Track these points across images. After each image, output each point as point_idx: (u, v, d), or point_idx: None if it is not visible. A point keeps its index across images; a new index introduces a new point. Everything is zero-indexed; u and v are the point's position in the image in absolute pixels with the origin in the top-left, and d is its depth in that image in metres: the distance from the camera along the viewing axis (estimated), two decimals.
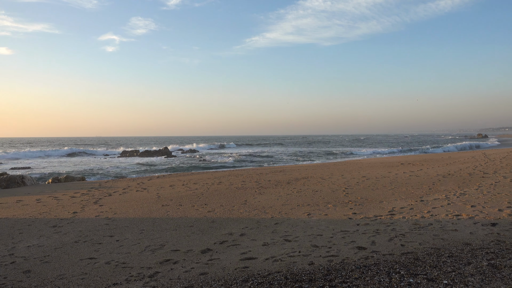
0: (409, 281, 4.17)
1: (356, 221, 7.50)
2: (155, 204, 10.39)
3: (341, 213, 8.40)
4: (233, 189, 12.75)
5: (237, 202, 10.23)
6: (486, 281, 4.09)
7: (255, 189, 12.57)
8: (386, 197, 10.02)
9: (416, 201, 9.29)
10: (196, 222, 8.00)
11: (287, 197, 10.79)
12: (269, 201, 10.20)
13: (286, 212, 8.71)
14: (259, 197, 10.90)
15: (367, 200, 9.79)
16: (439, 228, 6.54)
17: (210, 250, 5.93)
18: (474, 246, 5.37)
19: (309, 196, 10.71)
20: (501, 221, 6.83)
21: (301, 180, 14.51)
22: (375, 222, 7.31)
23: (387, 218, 7.66)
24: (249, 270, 4.86)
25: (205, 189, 12.85)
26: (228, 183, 14.24)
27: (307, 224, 7.48)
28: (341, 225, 7.26)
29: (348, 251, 5.44)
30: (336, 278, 4.37)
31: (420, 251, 5.25)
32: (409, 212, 8.11)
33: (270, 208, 9.31)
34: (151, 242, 6.50)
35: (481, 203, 8.53)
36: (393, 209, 8.46)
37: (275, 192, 11.70)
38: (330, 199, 10.10)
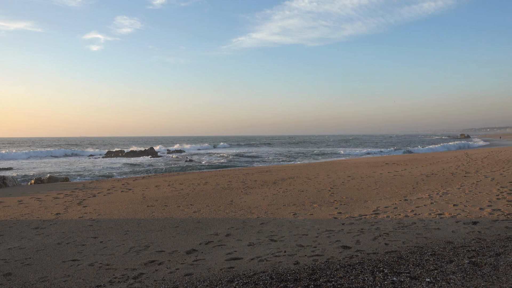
0: (393, 280, 4.22)
1: (341, 221, 7.55)
2: (140, 204, 10.29)
3: (327, 212, 8.45)
4: (219, 189, 12.72)
5: (223, 203, 10.21)
6: (467, 278, 4.16)
7: (241, 189, 12.56)
8: (370, 197, 10.12)
9: (400, 200, 9.41)
10: (181, 223, 7.96)
11: (273, 197, 10.81)
12: (255, 201, 10.20)
13: (272, 212, 8.73)
14: (245, 197, 10.89)
15: (352, 199, 9.88)
16: (422, 227, 6.64)
17: (195, 250, 5.90)
18: (456, 244, 5.46)
19: (295, 196, 10.75)
20: (482, 219, 6.97)
21: (287, 180, 14.55)
22: (360, 222, 7.38)
23: (372, 217, 7.74)
24: (235, 270, 4.85)
25: (191, 190, 12.79)
26: (214, 183, 14.20)
27: (292, 224, 7.50)
28: (327, 224, 7.30)
29: (333, 251, 5.48)
30: (321, 278, 4.40)
31: (403, 250, 5.32)
32: (393, 211, 8.21)
33: (256, 208, 9.31)
34: (135, 243, 6.44)
35: (463, 202, 8.69)
36: (377, 209, 8.56)
37: (261, 192, 11.71)
38: (315, 199, 10.16)
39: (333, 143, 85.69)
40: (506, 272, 4.28)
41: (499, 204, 8.22)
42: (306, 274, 4.55)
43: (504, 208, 7.80)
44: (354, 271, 4.56)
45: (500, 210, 7.64)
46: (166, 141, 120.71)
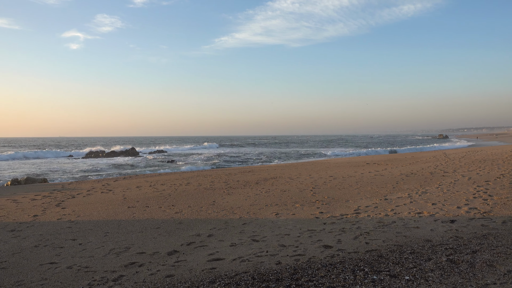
0: (373, 278, 4.27)
1: (323, 220, 7.61)
2: (121, 206, 10.15)
3: (309, 212, 8.50)
4: (201, 189, 12.65)
5: (205, 203, 10.15)
6: (445, 276, 4.25)
7: (223, 189, 12.52)
8: (352, 196, 10.23)
9: (381, 199, 9.54)
10: (163, 224, 7.88)
11: (256, 197, 10.81)
12: (237, 202, 10.18)
13: (254, 212, 8.73)
14: (227, 198, 10.86)
15: (333, 199, 9.97)
16: (402, 226, 6.74)
17: (177, 251, 5.85)
18: (434, 243, 5.57)
19: (277, 196, 10.78)
20: (459, 218, 7.13)
21: (269, 180, 14.58)
22: (341, 221, 7.45)
23: (353, 216, 7.82)
24: (216, 271, 4.83)
25: (172, 190, 12.68)
26: (197, 184, 14.11)
27: (275, 224, 7.52)
28: (308, 224, 7.34)
29: (315, 250, 5.51)
30: (303, 277, 4.42)
31: (383, 249, 5.39)
32: (373, 210, 8.31)
33: (238, 208, 9.29)
34: (115, 245, 6.34)
35: (441, 201, 8.87)
36: (358, 208, 8.65)
37: (243, 193, 11.69)
38: (298, 199, 10.21)
39: (316, 144, 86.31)
40: (482, 269, 4.38)
41: (476, 202, 8.42)
42: (288, 273, 4.56)
43: (480, 206, 8.00)
44: (335, 270, 4.60)
45: (476, 208, 7.83)
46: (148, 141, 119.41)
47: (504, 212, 7.35)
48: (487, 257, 4.78)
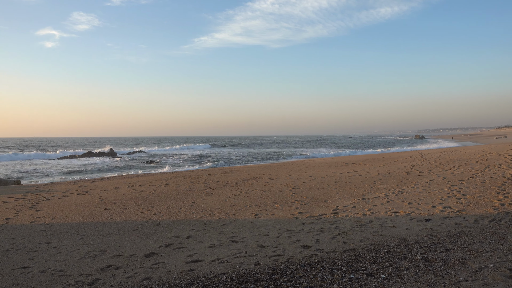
0: (350, 277, 4.33)
1: (302, 220, 7.66)
2: (98, 207, 9.96)
3: (288, 212, 8.54)
4: (180, 190, 12.54)
5: (184, 204, 10.07)
6: (420, 274, 4.34)
7: (203, 190, 12.46)
8: (330, 196, 10.34)
9: (359, 199, 9.68)
10: (141, 226, 7.77)
11: (235, 198, 10.80)
12: (217, 202, 10.14)
13: (234, 213, 8.71)
14: (207, 199, 10.81)
15: (312, 199, 10.05)
16: (379, 225, 6.86)
17: (154, 254, 5.78)
18: (409, 241, 5.68)
19: (257, 197, 10.79)
20: (434, 216, 7.30)
21: (249, 180, 14.58)
22: (319, 221, 7.52)
23: (331, 216, 7.91)
24: (195, 273, 4.79)
25: (151, 191, 12.53)
26: (176, 185, 13.99)
27: (254, 224, 7.53)
28: (287, 224, 7.38)
29: (293, 250, 5.55)
30: (281, 277, 4.44)
31: (361, 248, 5.47)
32: (351, 210, 8.43)
33: (217, 209, 9.26)
34: (92, 248, 6.21)
35: (417, 200, 9.06)
36: (337, 208, 8.75)
37: (223, 193, 11.66)
38: (277, 199, 10.25)
39: (296, 144, 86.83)
40: (455, 266, 4.50)
41: (450, 201, 8.64)
42: (267, 274, 4.58)
43: (454, 205, 8.21)
44: (314, 270, 4.64)
45: (450, 207, 8.04)
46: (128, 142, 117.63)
47: (476, 211, 7.56)
48: (459, 254, 4.91)
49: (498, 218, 6.83)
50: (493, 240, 5.47)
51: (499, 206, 7.84)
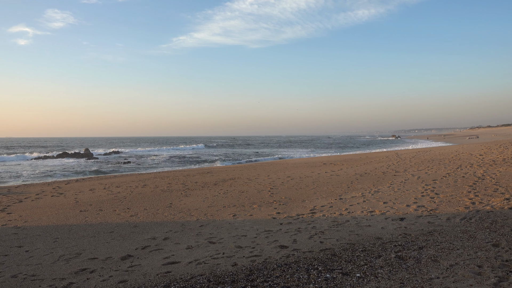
0: (326, 277, 4.39)
1: (280, 221, 7.71)
2: (73, 209, 9.75)
3: (266, 213, 8.58)
4: (158, 191, 12.41)
5: (162, 205, 9.98)
6: (393, 272, 4.44)
7: (181, 191, 12.37)
8: (308, 196, 10.44)
9: (336, 199, 9.80)
10: (117, 228, 7.66)
11: (214, 198, 10.77)
12: (195, 203, 10.09)
13: (212, 214, 8.69)
14: (185, 200, 10.74)
15: (290, 199, 10.12)
16: (355, 224, 6.97)
17: (131, 256, 5.71)
18: (384, 240, 5.80)
19: (235, 197, 10.79)
20: (408, 215, 7.47)
21: (228, 181, 14.57)
22: (297, 221, 7.58)
23: (309, 216, 7.99)
24: (172, 274, 4.76)
25: (128, 193, 12.35)
26: (153, 186, 13.83)
27: (232, 225, 7.53)
28: (265, 225, 7.41)
29: (271, 250, 5.58)
30: (258, 278, 4.46)
31: (337, 247, 5.55)
32: (328, 210, 8.53)
33: (195, 210, 9.21)
34: (66, 251, 6.08)
35: (392, 199, 9.26)
36: (314, 208, 8.85)
37: (201, 194, 11.61)
38: (255, 200, 10.27)
39: (276, 144, 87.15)
40: (427, 264, 4.62)
41: (424, 200, 8.86)
42: (244, 275, 4.59)
43: (427, 204, 8.42)
44: (290, 270, 4.68)
45: (424, 206, 8.24)
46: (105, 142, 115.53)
47: (449, 210, 7.78)
48: (432, 252, 5.05)
49: (469, 216, 7.05)
50: (463, 238, 5.65)
51: (470, 204, 8.08)
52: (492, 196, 8.80)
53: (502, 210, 7.32)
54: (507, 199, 8.26)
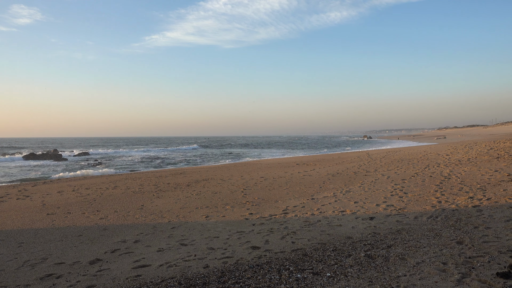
0: (297, 277, 4.43)
1: (252, 221, 7.72)
2: (39, 213, 9.43)
3: (239, 214, 8.57)
4: (129, 193, 12.18)
5: (133, 207, 9.80)
6: (363, 270, 4.53)
7: (153, 192, 12.18)
8: (281, 197, 10.51)
9: (308, 199, 9.91)
10: (85, 231, 7.46)
11: (186, 200, 10.67)
12: (167, 205, 9.96)
13: (184, 216, 8.61)
14: (157, 201, 10.59)
15: (263, 200, 10.15)
16: (326, 224, 7.07)
17: (99, 260, 5.58)
18: (354, 239, 5.91)
19: (208, 198, 10.73)
20: (378, 214, 7.64)
21: (201, 182, 14.46)
22: (269, 222, 7.62)
23: (281, 217, 8.04)
24: (142, 278, 4.68)
25: (98, 195, 12.06)
26: (125, 187, 13.57)
27: (204, 226, 7.48)
28: (238, 226, 7.41)
29: (243, 252, 5.58)
30: (230, 280, 4.45)
31: (308, 247, 5.61)
32: (301, 210, 8.61)
33: (167, 212, 9.10)
34: (31, 256, 5.88)
35: (362, 199, 9.44)
36: (287, 208, 8.91)
37: (174, 195, 11.48)
38: (228, 201, 10.25)
39: (250, 145, 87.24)
40: (395, 262, 4.74)
41: (393, 200, 9.08)
42: (215, 277, 4.57)
43: (396, 203, 8.64)
44: (262, 270, 4.69)
45: (393, 205, 8.45)
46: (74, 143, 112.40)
47: (416, 208, 8.01)
48: (400, 251, 5.18)
49: (435, 215, 7.28)
50: (430, 236, 5.82)
51: (437, 203, 8.35)
52: (457, 195, 9.12)
53: (466, 208, 7.60)
54: (471, 198, 8.58)
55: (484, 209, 7.39)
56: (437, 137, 78.59)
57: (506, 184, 9.87)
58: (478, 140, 37.38)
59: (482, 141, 30.06)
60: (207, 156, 41.67)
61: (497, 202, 7.91)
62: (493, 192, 8.97)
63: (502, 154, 17.17)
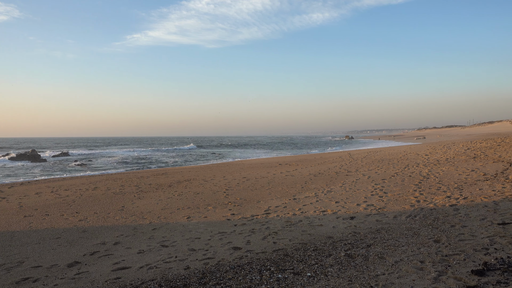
0: (278, 277, 4.45)
1: (234, 222, 7.72)
2: (16, 215, 9.21)
3: (220, 214, 8.56)
4: (110, 194, 12.01)
5: (113, 209, 9.66)
6: (343, 270, 4.58)
7: (134, 193, 12.04)
8: (263, 197, 10.53)
9: (290, 199, 9.96)
10: (64, 233, 7.33)
11: (168, 200, 10.59)
12: (148, 206, 9.87)
13: (165, 217, 8.54)
14: (138, 202, 10.47)
15: (245, 200, 10.16)
16: (307, 224, 7.12)
17: (78, 263, 5.48)
18: (335, 239, 5.97)
19: (190, 199, 10.67)
20: (358, 214, 7.74)
21: (183, 182, 14.37)
22: (251, 222, 7.63)
23: (263, 217, 8.06)
24: (121, 281, 4.63)
25: (77, 196, 11.85)
26: (105, 188, 13.37)
27: (186, 227, 7.44)
28: (220, 226, 7.39)
29: (224, 252, 5.57)
30: (211, 281, 4.44)
31: (289, 247, 5.64)
32: (283, 210, 8.65)
33: (148, 213, 9.01)
34: (6, 260, 5.74)
35: (343, 199, 9.55)
36: (268, 208, 8.94)
37: (155, 196, 11.37)
38: (210, 201, 10.21)
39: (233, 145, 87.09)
40: (374, 261, 4.81)
41: (373, 199, 9.22)
42: (196, 278, 4.55)
43: (376, 203, 8.77)
44: (243, 271, 4.70)
45: (373, 205, 8.57)
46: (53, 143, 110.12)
47: (396, 208, 8.15)
48: (379, 250, 5.26)
49: (413, 214, 7.42)
50: (408, 235, 5.93)
51: (415, 202, 8.51)
52: (435, 194, 9.32)
53: (443, 207, 7.77)
54: (448, 197, 8.78)
55: (460, 208, 7.57)
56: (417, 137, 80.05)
57: (482, 184, 10.13)
58: (456, 140, 38.26)
59: (459, 142, 30.78)
60: (190, 157, 41.43)
61: (473, 201, 8.12)
62: (470, 191, 9.20)
63: (478, 154, 17.62)
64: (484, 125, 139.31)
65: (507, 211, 6.87)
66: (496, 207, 7.29)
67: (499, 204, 7.52)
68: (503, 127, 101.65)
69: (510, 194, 8.43)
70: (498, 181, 10.26)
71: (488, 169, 12.65)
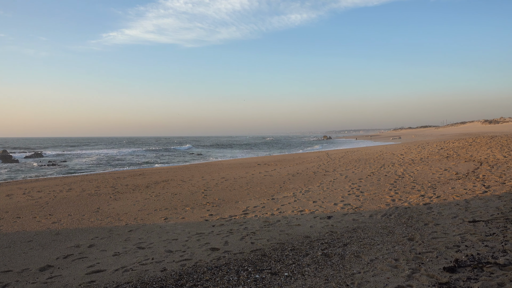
0: (255, 277, 4.45)
1: (212, 223, 7.68)
2: None
3: (198, 215, 8.50)
4: (85, 196, 11.75)
5: (88, 210, 9.46)
6: (319, 269, 4.63)
7: (110, 195, 11.82)
8: (242, 197, 10.52)
9: (268, 199, 9.99)
10: (36, 236, 7.12)
11: (145, 202, 10.44)
12: (124, 207, 9.71)
13: (142, 218, 8.42)
14: (114, 204, 10.28)
15: (224, 201, 10.13)
16: (285, 224, 7.15)
17: (51, 266, 5.34)
18: (312, 238, 6.02)
19: (168, 200, 10.56)
20: (335, 214, 7.84)
21: (161, 183, 14.21)
22: (229, 222, 7.61)
23: (241, 217, 8.05)
24: (96, 284, 4.53)
25: (51, 198, 11.54)
26: (80, 190, 13.07)
27: (163, 229, 7.35)
28: (197, 227, 7.34)
29: (202, 253, 5.54)
30: (188, 282, 4.40)
31: (267, 247, 5.65)
32: (261, 210, 8.67)
33: (125, 214, 8.87)
34: None
35: (321, 198, 9.64)
36: (247, 209, 8.94)
37: (132, 197, 11.19)
38: (188, 202, 10.13)
39: (212, 145, 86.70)
40: (350, 260, 4.88)
41: (350, 199, 9.34)
42: (173, 280, 4.50)
43: (353, 202, 8.90)
44: (221, 272, 4.68)
45: (350, 204, 8.69)
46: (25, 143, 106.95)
47: (372, 207, 8.29)
48: (355, 248, 5.34)
49: (389, 213, 7.56)
50: (383, 234, 6.04)
51: (391, 201, 8.68)
52: (410, 193, 9.53)
53: (417, 206, 7.96)
54: (422, 196, 8.99)
55: (434, 206, 7.77)
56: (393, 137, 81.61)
57: (454, 182, 10.42)
58: (430, 140, 39.21)
59: (433, 141, 31.57)
60: (168, 156, 41.00)
61: (445, 199, 8.34)
62: (442, 190, 9.45)
63: (451, 154, 18.12)
64: (457, 125, 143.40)
65: (477, 209, 7.09)
66: (468, 205, 7.51)
67: (470, 203, 7.75)
68: (474, 128, 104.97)
69: (481, 192, 8.70)
70: (470, 180, 10.57)
71: (460, 168, 13.03)
